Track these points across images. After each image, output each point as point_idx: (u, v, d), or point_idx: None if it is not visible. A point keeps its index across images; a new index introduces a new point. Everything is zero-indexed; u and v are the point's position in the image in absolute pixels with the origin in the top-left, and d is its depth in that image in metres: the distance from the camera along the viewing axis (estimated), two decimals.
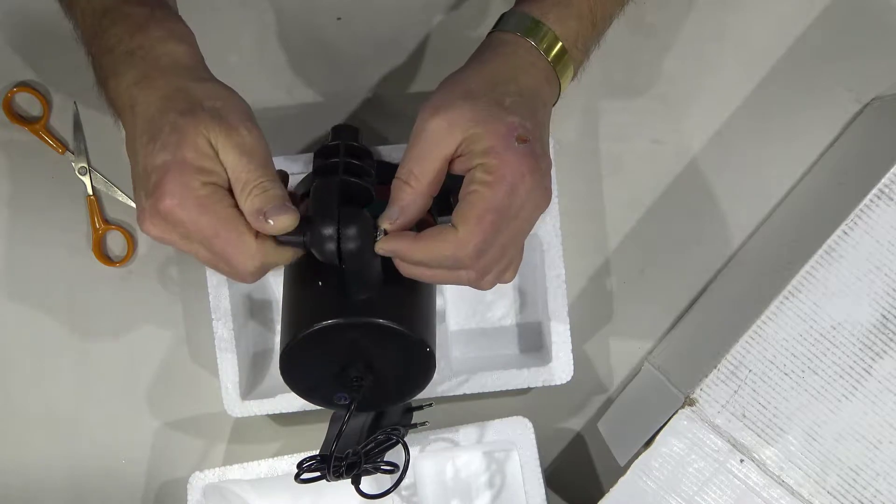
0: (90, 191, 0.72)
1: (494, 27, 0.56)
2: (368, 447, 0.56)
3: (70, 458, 0.73)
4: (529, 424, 0.66)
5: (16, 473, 0.73)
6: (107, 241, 0.73)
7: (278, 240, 0.51)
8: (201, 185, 0.48)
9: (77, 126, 0.72)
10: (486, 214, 0.49)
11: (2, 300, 0.72)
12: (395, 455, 0.58)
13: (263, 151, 0.50)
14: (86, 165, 0.72)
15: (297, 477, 0.55)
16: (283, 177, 0.54)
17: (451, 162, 0.51)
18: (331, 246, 0.50)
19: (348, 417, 0.53)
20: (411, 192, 0.50)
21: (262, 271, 0.51)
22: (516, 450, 0.67)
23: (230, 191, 0.50)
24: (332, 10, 0.72)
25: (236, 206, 0.49)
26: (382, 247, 0.51)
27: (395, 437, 0.56)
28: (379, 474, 0.57)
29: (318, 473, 0.55)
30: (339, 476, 0.54)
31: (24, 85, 0.72)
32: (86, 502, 0.73)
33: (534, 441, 0.66)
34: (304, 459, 0.55)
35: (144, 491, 0.73)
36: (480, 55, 0.54)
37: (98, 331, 0.73)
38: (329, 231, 0.50)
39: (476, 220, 0.49)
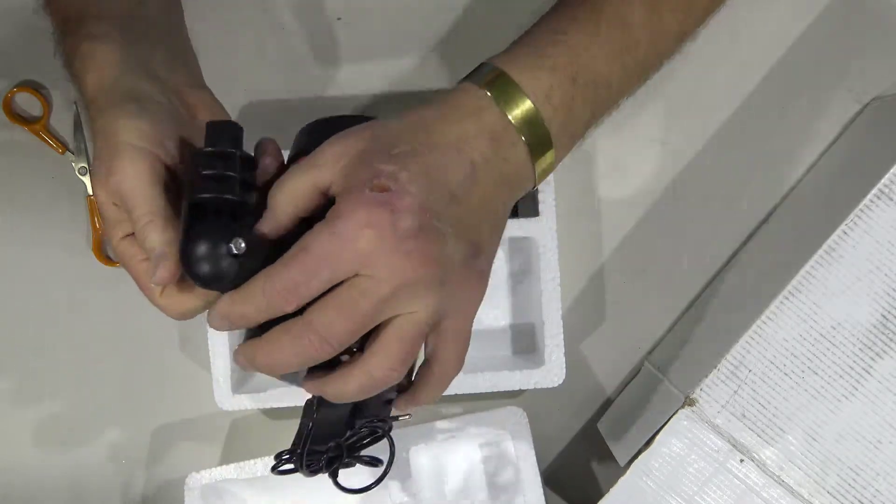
0: (90, 191, 0.72)
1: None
2: (351, 440, 0.53)
3: (70, 458, 0.73)
4: (523, 413, 0.67)
5: (16, 473, 0.73)
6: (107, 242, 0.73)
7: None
8: (119, 241, 0.48)
9: (77, 126, 0.72)
10: (299, 254, 0.42)
11: (2, 300, 0.72)
12: (378, 450, 0.57)
13: (132, 188, 0.46)
14: (86, 165, 0.72)
15: (273, 469, 0.54)
16: (274, 150, 0.49)
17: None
18: (190, 272, 0.45)
19: (316, 409, 0.50)
20: (272, 205, 0.45)
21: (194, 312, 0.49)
22: (511, 440, 0.67)
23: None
24: (332, 10, 0.72)
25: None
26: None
27: (381, 430, 0.53)
28: (371, 469, 0.56)
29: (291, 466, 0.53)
30: (315, 471, 0.52)
31: (24, 85, 0.72)
32: (85, 502, 0.73)
33: (528, 430, 0.67)
34: (280, 453, 0.53)
35: (143, 491, 0.73)
36: (426, 105, 0.47)
37: (98, 331, 0.73)
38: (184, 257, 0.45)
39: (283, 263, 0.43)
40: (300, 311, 0.43)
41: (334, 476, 0.53)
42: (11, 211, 0.72)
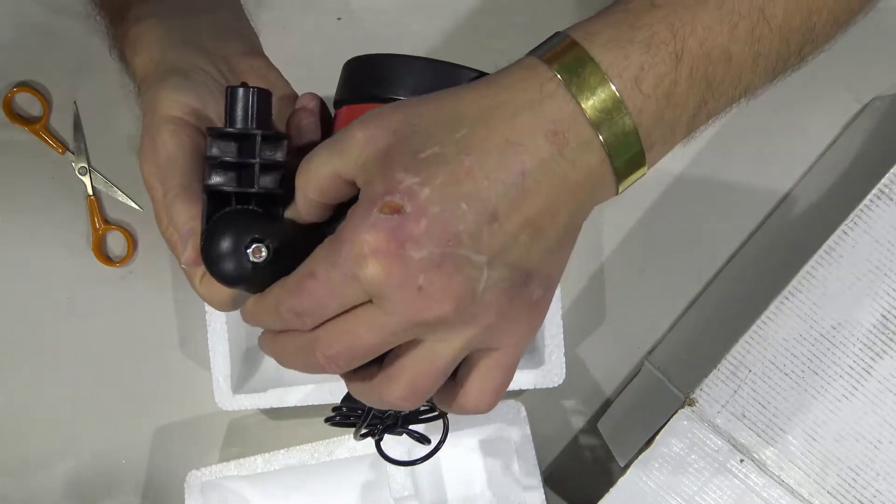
0: (90, 191, 0.72)
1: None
2: (409, 413, 0.49)
3: (70, 457, 0.73)
4: (521, 407, 0.67)
5: (16, 473, 0.73)
6: (107, 241, 0.73)
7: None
8: (167, 226, 0.44)
9: (77, 126, 0.72)
10: (305, 280, 0.37)
11: (2, 300, 0.72)
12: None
13: (167, 161, 0.42)
14: (86, 165, 0.72)
15: (329, 420, 0.49)
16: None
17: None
18: (210, 271, 0.40)
19: None
20: (298, 185, 0.39)
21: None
22: (511, 438, 0.67)
23: None
24: (332, 10, 0.72)
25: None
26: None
27: (438, 409, 0.48)
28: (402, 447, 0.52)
29: (350, 422, 0.48)
30: (365, 435, 0.48)
31: (24, 85, 0.72)
32: (85, 502, 0.73)
33: (527, 424, 0.67)
34: (341, 407, 0.49)
35: (143, 491, 0.73)
36: (474, 86, 0.38)
37: (98, 331, 0.73)
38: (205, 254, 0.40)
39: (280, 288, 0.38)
40: None
41: (381, 439, 0.49)
42: (11, 211, 0.72)
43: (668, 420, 0.60)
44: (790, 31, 0.39)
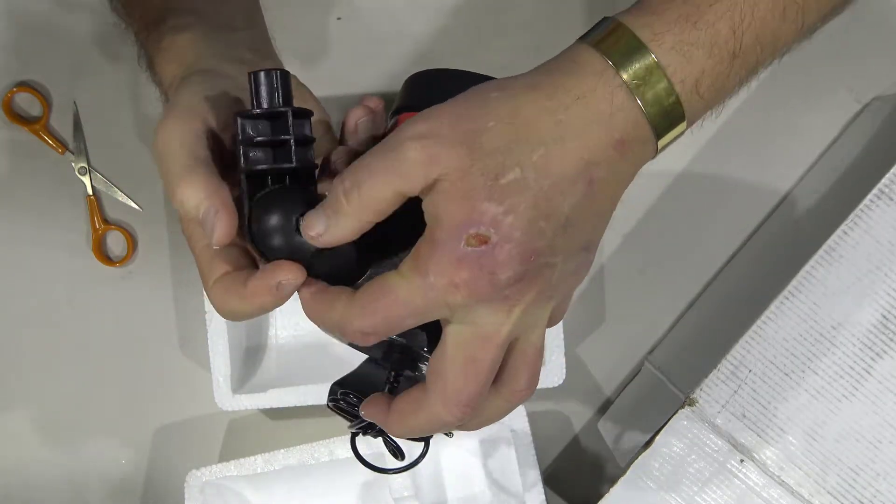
0: (90, 191, 0.72)
1: (582, 37, 0.39)
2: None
3: (70, 458, 0.73)
4: (522, 407, 0.67)
5: (16, 473, 0.73)
6: (107, 241, 0.73)
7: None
8: (188, 222, 0.42)
9: (77, 126, 0.72)
10: (383, 300, 0.38)
11: (2, 300, 0.72)
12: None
13: (180, 142, 0.41)
14: (86, 165, 0.72)
15: (330, 404, 0.48)
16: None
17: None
18: (261, 246, 0.40)
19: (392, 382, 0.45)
20: (348, 211, 0.38)
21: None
22: (510, 433, 0.67)
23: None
24: (332, 10, 0.72)
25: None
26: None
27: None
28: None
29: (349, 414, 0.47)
30: (361, 427, 0.47)
31: (24, 85, 0.72)
32: (85, 502, 0.73)
33: (527, 424, 0.67)
34: (338, 390, 0.48)
35: (143, 491, 0.73)
36: (535, 80, 0.37)
37: (98, 331, 0.73)
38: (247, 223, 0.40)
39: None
40: None
41: (353, 441, 0.49)
42: (11, 211, 0.72)
43: (668, 420, 0.60)
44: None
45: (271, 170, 0.40)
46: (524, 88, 0.37)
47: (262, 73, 0.41)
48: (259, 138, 0.40)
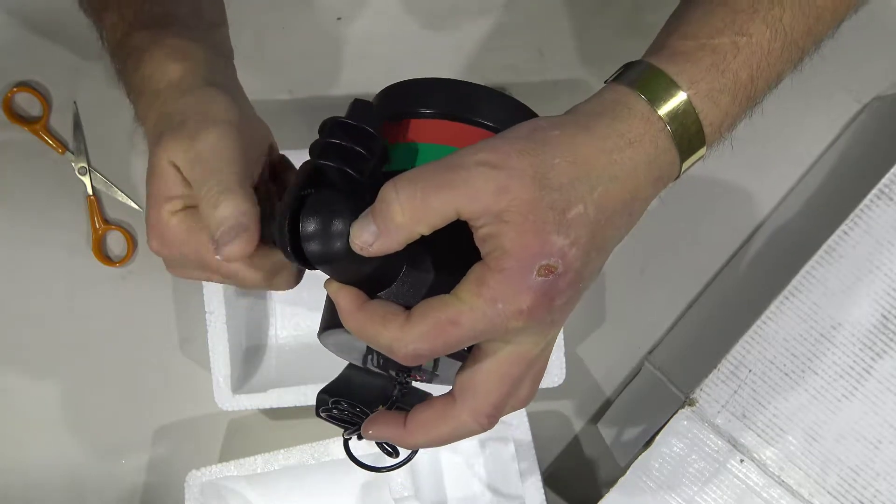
0: (90, 191, 0.72)
1: (618, 78, 0.42)
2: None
3: (70, 458, 0.73)
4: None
5: (16, 473, 0.73)
6: (107, 241, 0.73)
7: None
8: (171, 216, 0.45)
9: (77, 126, 0.72)
10: (448, 327, 0.38)
11: (2, 300, 0.72)
12: None
13: (217, 154, 0.43)
14: (86, 165, 0.72)
15: (320, 413, 0.49)
16: (284, 163, 0.48)
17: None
18: (283, 243, 0.40)
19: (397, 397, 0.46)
20: (403, 222, 0.38)
21: (270, 278, 0.46)
22: (510, 433, 0.67)
23: None
24: (332, 10, 0.72)
25: None
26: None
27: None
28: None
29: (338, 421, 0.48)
30: (351, 432, 0.48)
31: (24, 85, 0.72)
32: (85, 502, 0.73)
33: (527, 424, 0.67)
34: (328, 400, 0.49)
35: (143, 491, 0.73)
36: (587, 122, 0.40)
37: (98, 331, 0.73)
38: (281, 222, 0.40)
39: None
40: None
41: (347, 445, 0.49)
42: (11, 211, 0.72)
43: (668, 420, 0.60)
44: (817, 36, 0.46)
45: (340, 170, 0.41)
46: (579, 129, 0.40)
47: (365, 103, 0.45)
48: (345, 141, 0.42)
